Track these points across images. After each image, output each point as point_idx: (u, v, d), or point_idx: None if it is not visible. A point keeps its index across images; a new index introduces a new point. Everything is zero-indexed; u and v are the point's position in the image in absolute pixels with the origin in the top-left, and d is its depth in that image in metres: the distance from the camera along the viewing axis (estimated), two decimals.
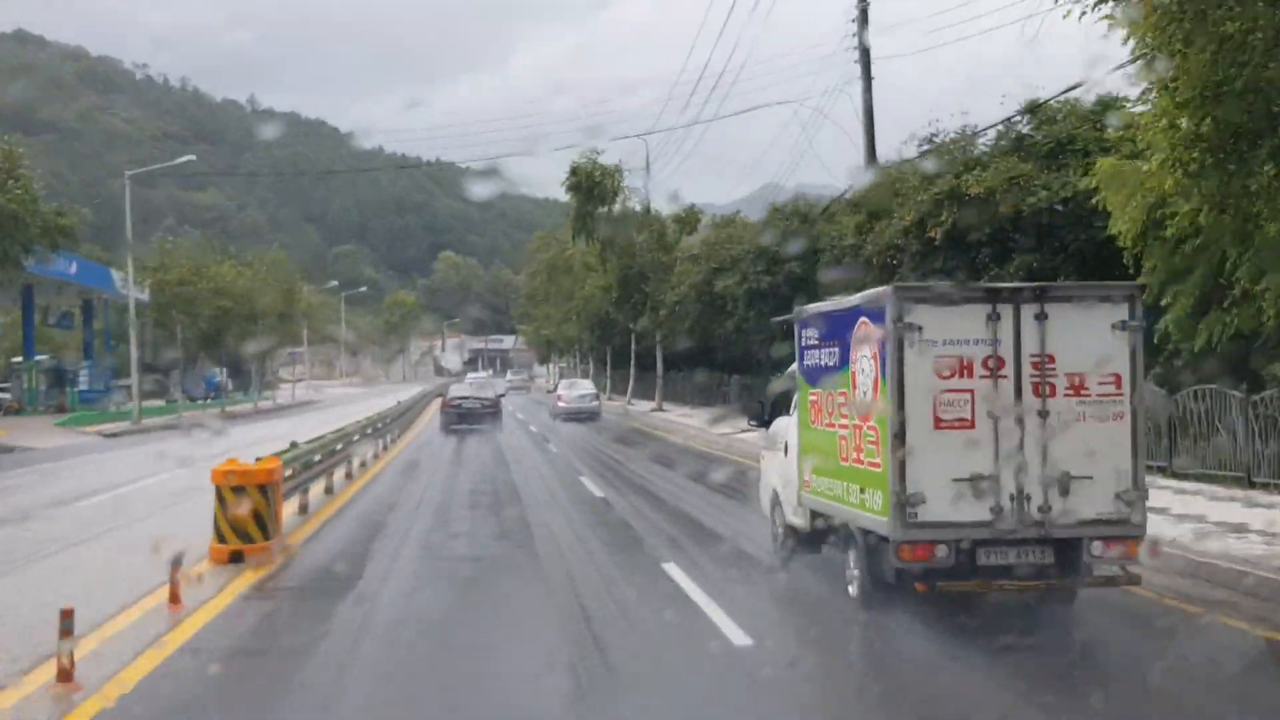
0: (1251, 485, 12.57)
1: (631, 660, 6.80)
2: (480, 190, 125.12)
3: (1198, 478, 13.23)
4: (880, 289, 7.38)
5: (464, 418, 29.38)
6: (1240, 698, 5.84)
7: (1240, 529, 10.04)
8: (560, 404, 37.16)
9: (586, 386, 41.45)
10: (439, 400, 36.19)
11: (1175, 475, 13.54)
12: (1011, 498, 6.97)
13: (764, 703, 5.86)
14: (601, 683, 6.28)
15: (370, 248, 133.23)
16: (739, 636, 7.04)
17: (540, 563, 9.89)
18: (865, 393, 7.40)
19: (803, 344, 8.70)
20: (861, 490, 7.47)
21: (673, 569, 9.21)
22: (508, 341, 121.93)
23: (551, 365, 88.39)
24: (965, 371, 6.99)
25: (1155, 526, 7.76)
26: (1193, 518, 10.70)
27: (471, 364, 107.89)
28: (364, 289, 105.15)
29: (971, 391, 6.99)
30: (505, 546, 11.05)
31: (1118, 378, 7.05)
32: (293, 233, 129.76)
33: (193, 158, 46.13)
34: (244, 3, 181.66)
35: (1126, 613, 7.69)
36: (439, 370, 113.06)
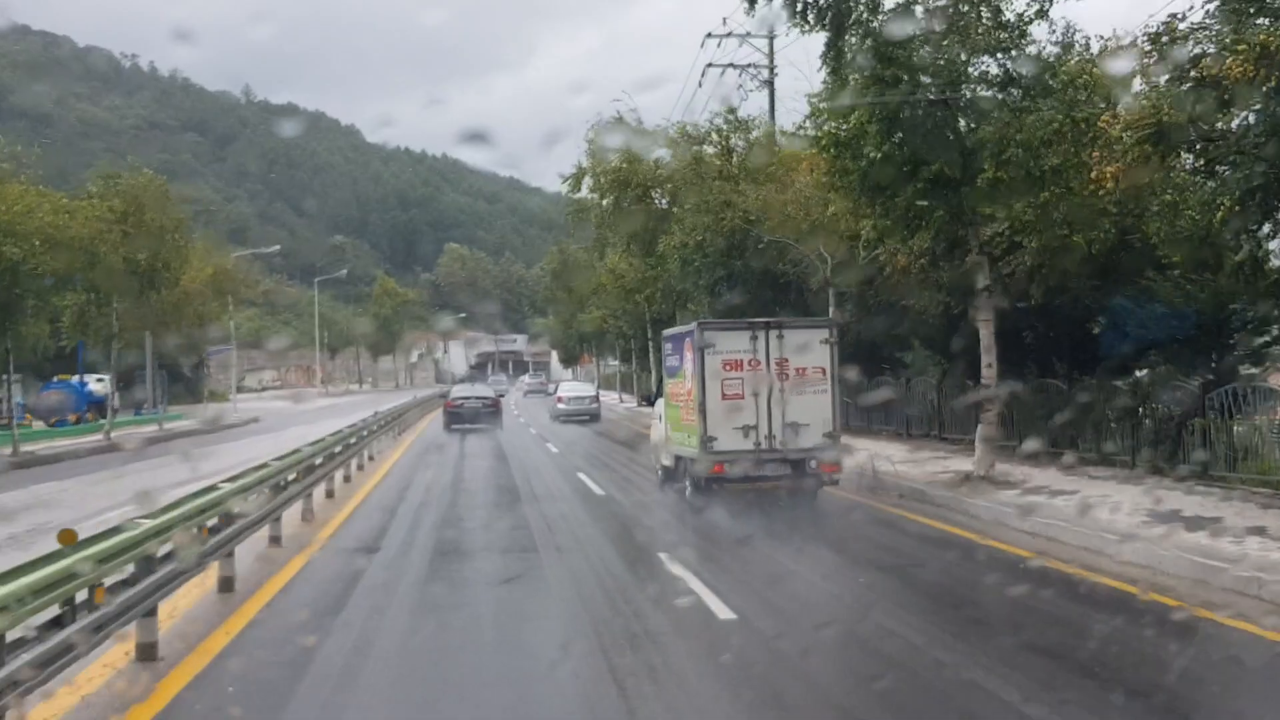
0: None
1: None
2: (491, 186, 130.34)
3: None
4: (693, 323, 15.07)
5: (465, 417, 36.43)
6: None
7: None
8: (560, 405, 44.66)
9: (586, 389, 49.09)
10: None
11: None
12: (765, 436, 14.55)
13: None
14: None
15: (371, 244, 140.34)
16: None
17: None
18: (688, 380, 15.07)
19: (664, 354, 16.43)
20: (688, 437, 15.12)
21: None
22: (521, 342, 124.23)
23: (579, 368, 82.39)
24: (738, 367, 14.61)
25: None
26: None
27: (481, 367, 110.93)
28: (343, 272, 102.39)
29: (743, 378, 14.61)
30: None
31: (824, 370, 14.64)
32: (287, 226, 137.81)
33: None
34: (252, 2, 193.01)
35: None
36: (441, 375, 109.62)
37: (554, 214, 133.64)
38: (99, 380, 41.50)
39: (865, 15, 15.39)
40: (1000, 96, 15.23)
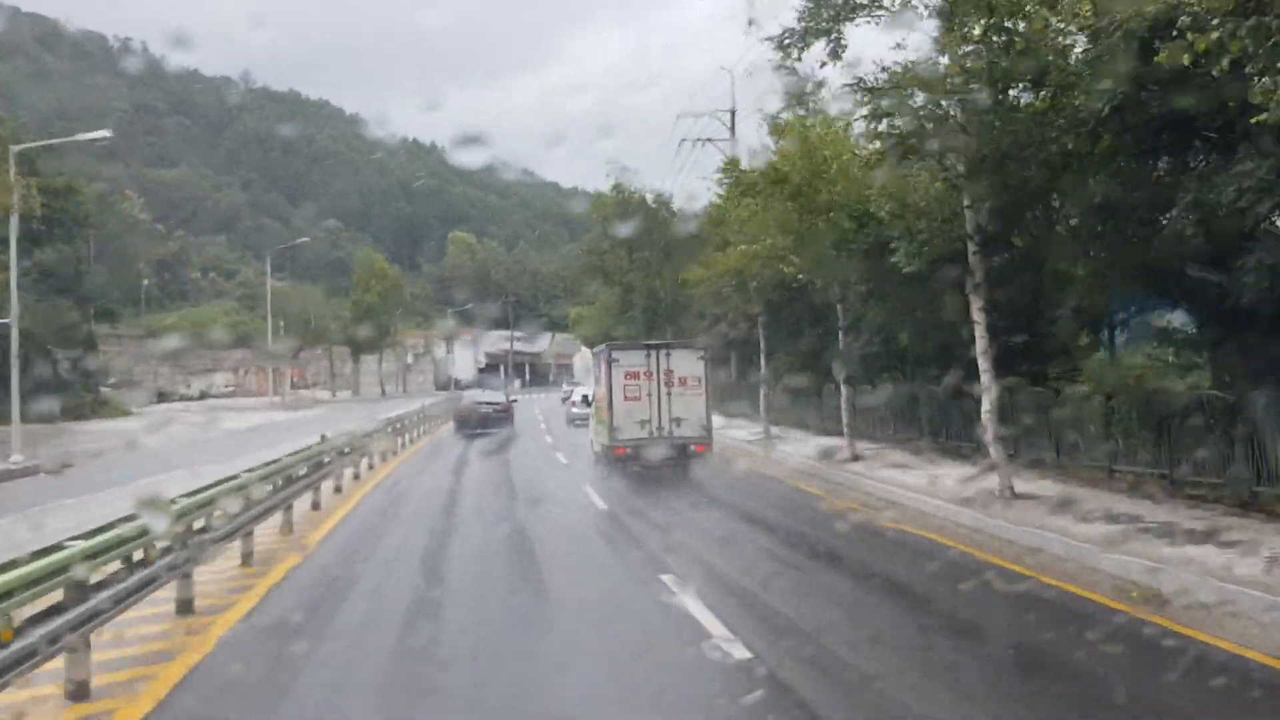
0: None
1: None
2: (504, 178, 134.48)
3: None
4: (605, 345, 23.78)
5: (478, 421, 43.51)
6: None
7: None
8: (574, 410, 52.98)
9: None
10: None
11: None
12: (657, 427, 23.31)
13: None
14: None
15: (374, 237, 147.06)
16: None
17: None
18: (603, 386, 23.79)
19: (595, 366, 25.17)
20: (604, 428, 23.83)
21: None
22: (541, 342, 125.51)
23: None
24: (636, 377, 23.33)
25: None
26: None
27: (490, 370, 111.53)
28: (305, 239, 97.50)
29: (640, 384, 23.32)
30: None
31: (700, 379, 23.39)
32: (281, 217, 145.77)
33: None
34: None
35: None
36: (442, 381, 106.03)
37: (569, 209, 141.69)
38: None
39: None
40: None
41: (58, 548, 8.72)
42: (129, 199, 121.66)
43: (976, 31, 16.49)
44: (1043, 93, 17.36)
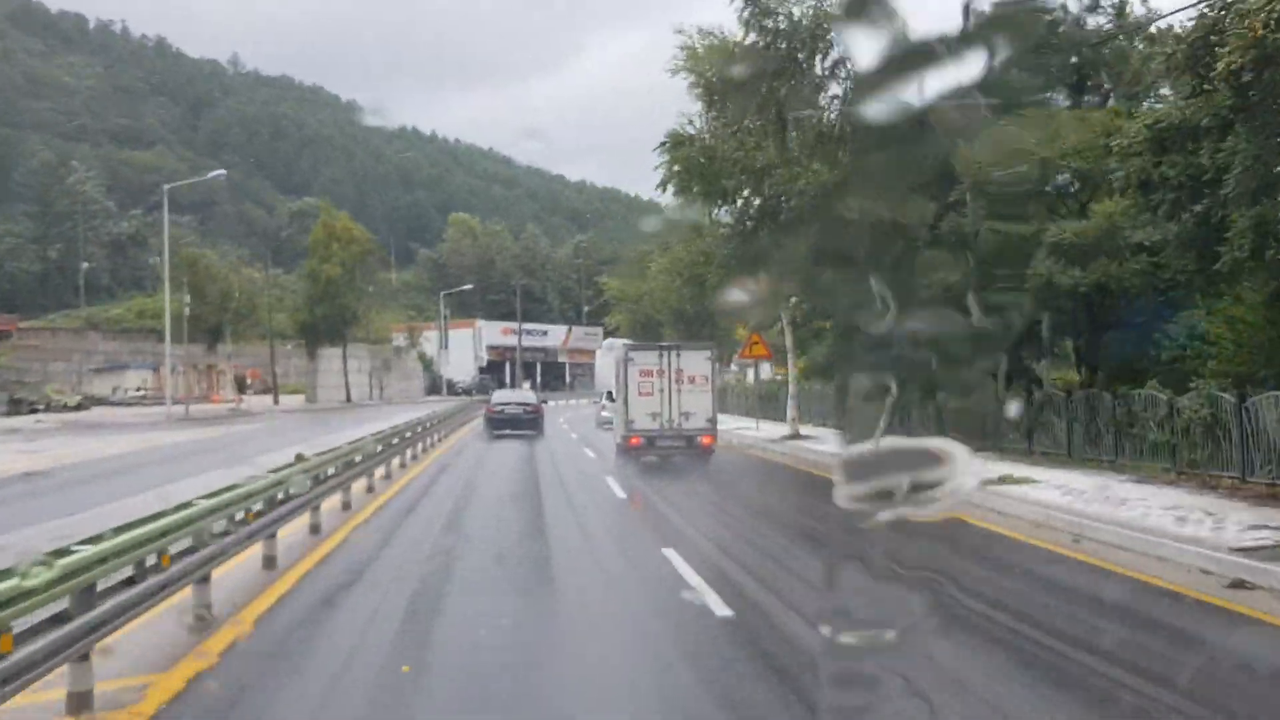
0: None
1: None
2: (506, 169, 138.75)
3: None
4: (622, 345, 29.17)
5: (507, 423, 47.21)
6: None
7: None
8: (603, 414, 57.99)
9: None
10: None
11: None
12: (668, 420, 28.62)
13: None
14: None
15: (371, 228, 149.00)
16: None
17: None
18: (620, 382, 29.11)
19: (615, 366, 30.52)
20: (621, 421, 29.15)
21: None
22: (554, 337, 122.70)
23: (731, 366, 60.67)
24: (650, 375, 28.67)
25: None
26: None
27: (493, 369, 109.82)
28: (221, 172, 79.68)
29: (653, 381, 28.66)
30: None
31: (707, 377, 28.75)
32: (265, 204, 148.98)
33: None
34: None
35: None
36: (435, 384, 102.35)
37: (580, 203, 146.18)
38: None
39: None
40: None
41: None
42: (77, 174, 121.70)
43: None
44: None
